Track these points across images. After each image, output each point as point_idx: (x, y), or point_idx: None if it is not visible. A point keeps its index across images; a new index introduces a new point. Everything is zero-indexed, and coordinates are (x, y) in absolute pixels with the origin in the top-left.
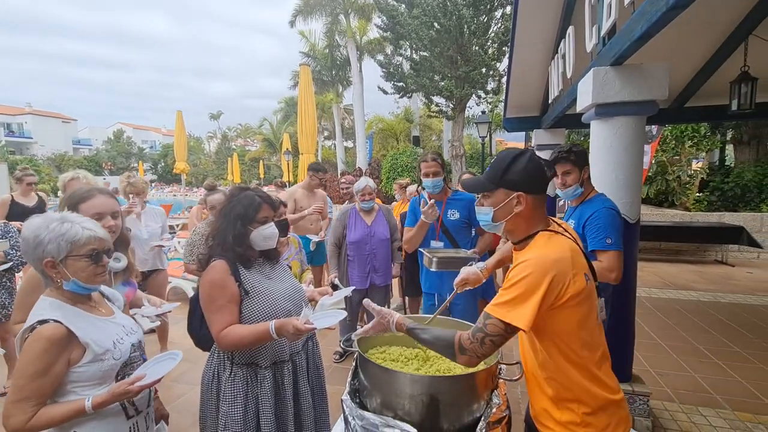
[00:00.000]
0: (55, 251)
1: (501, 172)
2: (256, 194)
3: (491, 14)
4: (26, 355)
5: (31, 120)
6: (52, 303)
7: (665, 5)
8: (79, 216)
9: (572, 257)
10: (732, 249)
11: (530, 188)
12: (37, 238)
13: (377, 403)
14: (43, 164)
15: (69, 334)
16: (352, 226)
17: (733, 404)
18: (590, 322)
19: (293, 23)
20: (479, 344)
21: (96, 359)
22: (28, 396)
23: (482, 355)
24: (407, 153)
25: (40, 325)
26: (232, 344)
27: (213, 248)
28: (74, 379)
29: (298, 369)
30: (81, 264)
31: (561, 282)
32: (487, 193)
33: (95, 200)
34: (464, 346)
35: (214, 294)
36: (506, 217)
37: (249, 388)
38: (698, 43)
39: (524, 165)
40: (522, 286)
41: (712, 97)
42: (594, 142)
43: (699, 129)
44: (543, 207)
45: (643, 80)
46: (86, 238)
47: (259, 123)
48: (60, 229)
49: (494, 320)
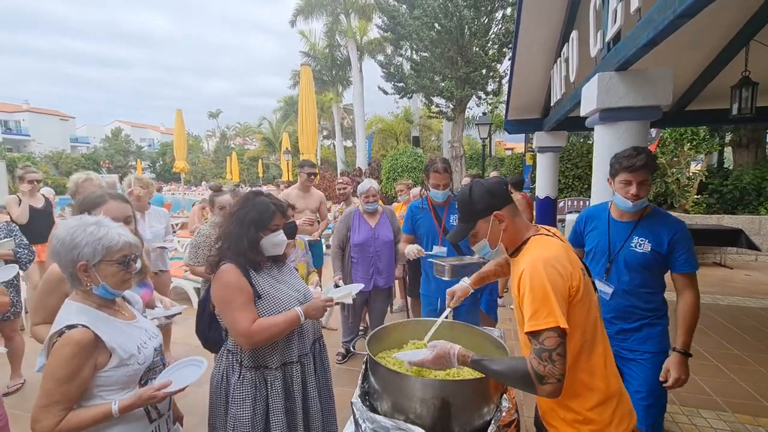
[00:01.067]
0: (91, 255)
1: (469, 209)
2: (270, 201)
3: (492, 15)
4: (55, 360)
5: (29, 117)
6: (79, 307)
7: (672, 13)
8: (111, 222)
9: (567, 254)
10: (731, 251)
11: (498, 204)
12: (74, 240)
13: (388, 406)
14: (40, 162)
15: (96, 339)
16: (356, 228)
17: (733, 406)
18: (591, 315)
19: (294, 23)
20: (552, 364)
21: (121, 364)
22: (57, 400)
23: (561, 374)
24: (407, 153)
25: (68, 329)
26: (266, 335)
27: (224, 252)
28: (100, 384)
29: (307, 370)
30: (112, 269)
31: (561, 274)
32: (472, 232)
33: (108, 205)
34: (540, 373)
35: (233, 294)
36: (499, 238)
37: (258, 391)
38: (700, 47)
39: (481, 192)
40: (535, 295)
41: (713, 100)
42: (598, 146)
43: (698, 131)
44: (519, 213)
45: (647, 85)
46: (122, 244)
47: (258, 122)
48: (97, 233)
49: (545, 333)
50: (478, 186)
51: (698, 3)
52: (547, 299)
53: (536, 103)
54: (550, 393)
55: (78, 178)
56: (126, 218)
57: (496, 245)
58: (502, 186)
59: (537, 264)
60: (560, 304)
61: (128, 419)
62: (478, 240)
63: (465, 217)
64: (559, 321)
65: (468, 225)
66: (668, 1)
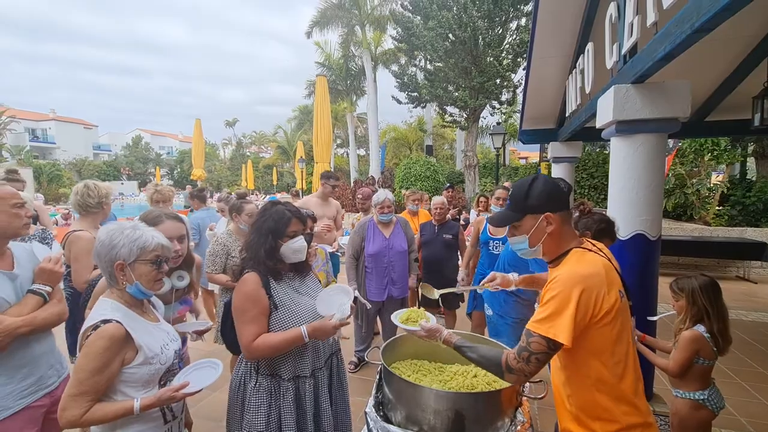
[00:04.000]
0: (127, 254)
1: (523, 200)
2: (286, 209)
3: (506, 26)
4: (89, 351)
5: (55, 126)
6: (113, 305)
7: (690, 28)
8: (146, 225)
9: (606, 273)
10: (755, 265)
11: (554, 207)
12: (112, 241)
13: (402, 416)
14: (64, 168)
15: (127, 335)
16: (371, 238)
17: (756, 426)
18: (624, 340)
19: (310, 34)
20: (525, 363)
21: (146, 362)
22: (86, 391)
23: (530, 373)
24: (420, 162)
25: (103, 324)
26: (264, 353)
27: (246, 261)
28: (124, 379)
29: (320, 384)
30: (146, 268)
31: (593, 296)
32: (516, 224)
33: (164, 225)
34: (511, 366)
35: (247, 306)
36: (540, 240)
37: (273, 399)
38: (720, 58)
39: (542, 187)
40: (554, 303)
41: (734, 111)
42: (614, 158)
43: (719, 142)
44: (570, 222)
45: (664, 98)
46: (155, 245)
47: (273, 130)
48: (133, 235)
49: (536, 337)
50: (541, 181)
51: (716, 18)
52: (563, 313)
53: (551, 114)
54: (514, 382)
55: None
56: (180, 237)
57: (535, 246)
58: (564, 192)
59: (574, 277)
60: (575, 322)
61: (146, 419)
62: (518, 234)
63: (516, 207)
64: (558, 336)
65: (516, 216)
66: (686, 16)
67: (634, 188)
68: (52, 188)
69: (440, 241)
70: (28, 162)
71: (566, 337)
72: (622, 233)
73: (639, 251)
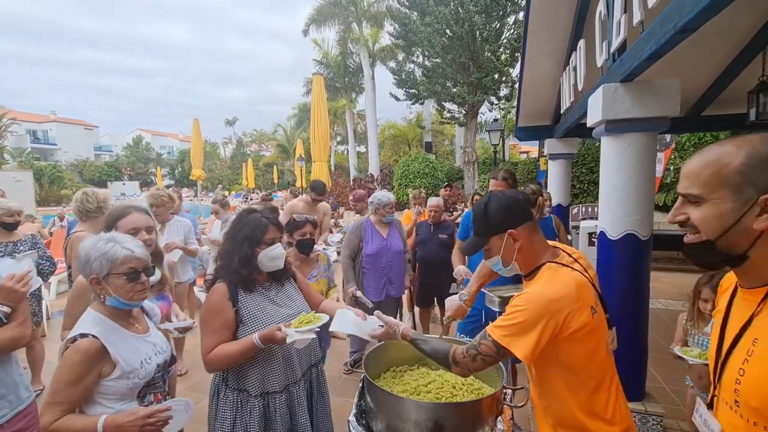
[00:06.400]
0: (98, 269)
1: (483, 223)
2: (262, 216)
3: (503, 21)
4: (64, 363)
5: (56, 127)
6: (95, 317)
7: (673, 28)
8: (124, 236)
9: (577, 291)
10: None
11: (515, 222)
12: (87, 256)
13: (382, 426)
14: (66, 170)
15: (103, 349)
16: (369, 238)
17: None
18: (598, 356)
19: (306, 32)
20: (471, 360)
21: (123, 376)
22: (60, 401)
23: (473, 370)
24: (419, 159)
25: (80, 338)
26: (218, 363)
27: (218, 270)
28: (101, 391)
29: (295, 400)
30: (120, 282)
31: (561, 318)
32: (486, 247)
33: (131, 216)
34: (457, 359)
35: (209, 317)
36: (513, 257)
37: (237, 415)
38: (716, 52)
39: (497, 206)
40: (520, 317)
41: (731, 105)
42: (604, 158)
43: (718, 136)
44: (538, 232)
45: (653, 96)
46: (123, 257)
47: (273, 129)
48: (104, 248)
49: (489, 342)
50: (495, 199)
51: (699, 18)
52: (527, 333)
53: (547, 111)
54: (458, 373)
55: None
56: (147, 228)
57: (509, 264)
58: (522, 201)
59: (541, 302)
60: (537, 343)
61: None
62: (492, 256)
63: (479, 231)
64: (511, 346)
65: (481, 239)
66: (670, 16)
67: (625, 188)
68: (53, 190)
69: (436, 241)
70: (29, 164)
71: (526, 354)
72: (613, 233)
73: (630, 251)
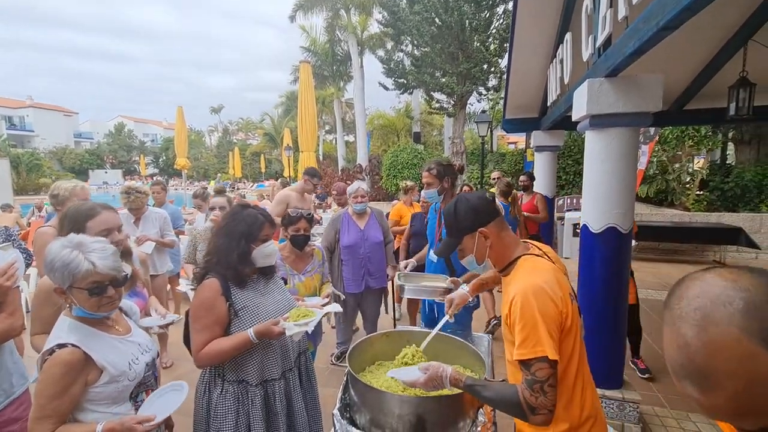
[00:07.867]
0: (60, 280)
1: (455, 224)
2: (258, 212)
3: (493, 10)
4: (45, 377)
5: (33, 113)
6: (71, 324)
7: (656, 26)
8: (93, 243)
9: (556, 278)
10: (730, 249)
11: (484, 220)
12: (52, 263)
13: (366, 420)
14: (44, 157)
15: (86, 357)
16: (345, 230)
17: None
18: (577, 344)
19: (293, 18)
20: (543, 396)
21: (112, 381)
22: (48, 415)
23: (552, 406)
24: (408, 150)
25: (58, 348)
26: (210, 359)
27: (212, 265)
28: (91, 398)
29: (291, 386)
30: (82, 296)
31: (555, 300)
32: (459, 247)
33: (102, 216)
34: (532, 405)
35: (200, 313)
36: (485, 254)
37: (240, 405)
38: (697, 48)
39: (466, 207)
40: (525, 321)
41: (712, 99)
42: (588, 152)
43: (699, 129)
44: (507, 228)
45: (637, 92)
46: (84, 272)
47: (260, 117)
48: (67, 258)
49: (534, 364)
50: (463, 202)
51: (681, 16)
52: (537, 328)
53: (534, 103)
54: (541, 423)
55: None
56: (119, 227)
57: (482, 261)
58: (488, 202)
59: (527, 292)
60: (552, 333)
61: None
62: (466, 255)
63: (451, 233)
64: (547, 351)
65: (454, 240)
66: (653, 13)
67: (609, 181)
68: (31, 178)
69: None
70: (5, 151)
71: (553, 350)
72: (595, 226)
73: (611, 245)
